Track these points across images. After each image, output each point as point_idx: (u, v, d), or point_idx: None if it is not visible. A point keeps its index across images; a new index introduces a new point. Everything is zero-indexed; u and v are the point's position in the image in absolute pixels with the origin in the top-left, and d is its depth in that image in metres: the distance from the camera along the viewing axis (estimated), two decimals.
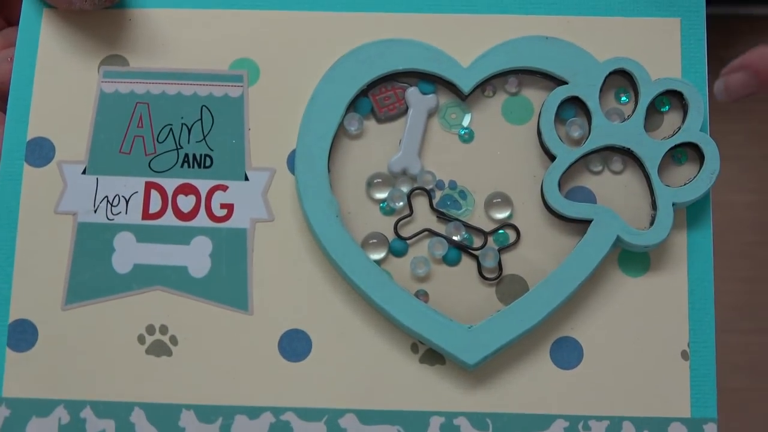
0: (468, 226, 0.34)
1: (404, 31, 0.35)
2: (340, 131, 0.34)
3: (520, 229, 0.34)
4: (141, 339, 0.33)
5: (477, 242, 0.34)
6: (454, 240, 0.34)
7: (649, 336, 0.33)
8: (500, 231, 0.34)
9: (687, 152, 0.34)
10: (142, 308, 0.33)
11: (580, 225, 0.33)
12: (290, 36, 0.35)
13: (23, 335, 0.33)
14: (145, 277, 0.34)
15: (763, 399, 0.69)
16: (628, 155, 0.34)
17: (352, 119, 0.34)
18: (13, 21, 0.42)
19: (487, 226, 0.34)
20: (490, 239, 0.34)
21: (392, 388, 0.33)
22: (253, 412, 0.33)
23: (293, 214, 0.34)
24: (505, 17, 0.35)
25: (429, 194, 0.34)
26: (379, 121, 0.35)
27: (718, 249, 0.67)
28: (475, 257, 0.34)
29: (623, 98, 0.35)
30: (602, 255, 0.33)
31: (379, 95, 0.35)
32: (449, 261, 0.34)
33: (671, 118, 0.35)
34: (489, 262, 0.34)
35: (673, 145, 0.34)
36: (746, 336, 0.70)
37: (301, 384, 0.33)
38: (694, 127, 0.34)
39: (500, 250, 0.34)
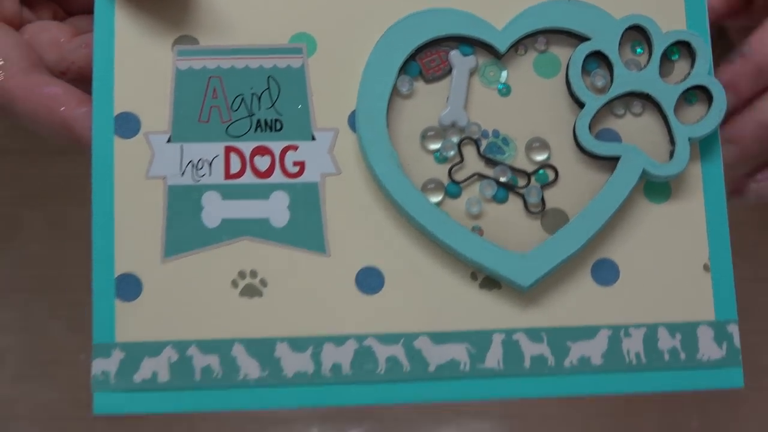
0: (513, 169, 0.39)
1: (445, 1, 0.39)
2: (394, 92, 0.39)
3: (558, 169, 0.39)
4: (234, 283, 0.38)
5: (521, 182, 0.39)
6: (501, 181, 0.39)
7: (674, 253, 0.38)
8: (540, 171, 0.39)
9: (697, 94, 0.39)
10: (233, 256, 0.38)
11: (610, 162, 0.39)
12: (341, 10, 0.39)
13: (129, 286, 0.37)
14: (232, 229, 0.38)
15: (763, 399, 0.68)
16: (647, 99, 0.39)
17: (404, 81, 0.39)
18: (71, 11, 0.46)
19: (529, 168, 0.39)
20: (533, 179, 0.39)
21: (457, 312, 0.38)
22: (339, 340, 0.37)
23: (358, 167, 0.39)
24: None
25: (476, 143, 0.39)
26: (427, 81, 0.39)
27: None
28: (521, 195, 0.39)
29: (638, 50, 0.40)
30: (631, 186, 0.38)
31: (426, 59, 0.39)
32: (498, 199, 0.39)
33: (681, 65, 0.40)
34: (533, 198, 0.39)
35: (685, 88, 0.39)
36: (746, 336, 0.71)
37: (378, 313, 0.38)
38: (702, 72, 0.39)
39: (542, 188, 0.39)
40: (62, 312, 0.66)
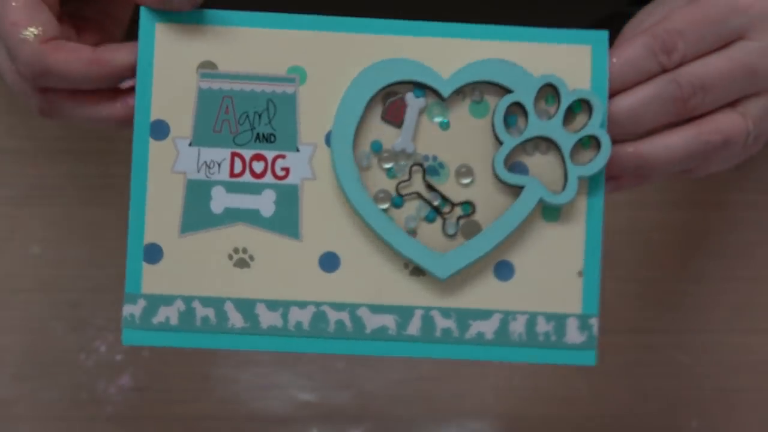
0: (443, 197, 0.51)
1: (407, 51, 0.51)
2: (362, 121, 0.51)
3: (476, 201, 0.51)
4: (230, 256, 0.51)
5: (447, 209, 0.51)
6: (434, 204, 0.51)
7: (557, 261, 0.51)
8: (465, 204, 0.52)
9: (591, 140, 0.51)
10: (230, 236, 0.51)
11: (518, 189, 0.51)
12: (328, 51, 0.51)
13: (154, 253, 0.51)
14: (232, 216, 0.51)
15: (763, 399, 0.70)
16: (551, 142, 0.51)
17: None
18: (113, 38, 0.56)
19: (457, 198, 0.51)
20: (457, 208, 0.52)
21: (391, 291, 0.51)
22: (302, 305, 0.51)
23: (329, 175, 0.51)
24: (472, 41, 0.51)
25: (423, 169, 0.51)
26: (386, 122, 0.52)
27: (719, 249, 0.72)
28: (444, 219, 0.52)
29: (550, 102, 0.51)
30: (530, 209, 0.51)
31: (390, 105, 0.52)
32: (429, 219, 0.52)
33: (581, 117, 0.51)
34: (450, 230, 0.51)
35: (581, 136, 0.51)
36: (746, 336, 0.71)
37: (333, 287, 0.51)
38: (596, 124, 0.50)
39: (461, 217, 0.51)
40: (62, 312, 0.69)
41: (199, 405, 0.68)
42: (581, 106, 0.51)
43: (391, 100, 0.52)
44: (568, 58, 0.51)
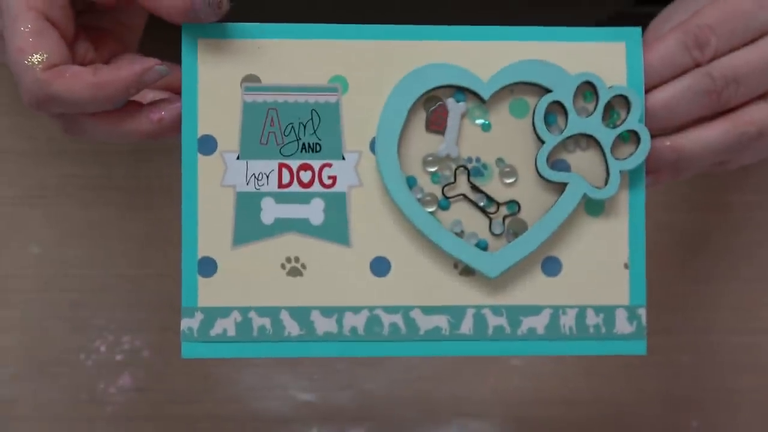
0: (488, 197, 0.53)
1: (446, 56, 0.52)
2: (405, 126, 0.52)
3: (520, 201, 0.53)
4: (282, 266, 0.52)
5: (492, 209, 0.53)
6: (479, 205, 0.53)
7: (603, 254, 0.53)
8: (510, 203, 0.53)
9: (630, 135, 0.53)
10: (282, 246, 0.52)
11: (561, 185, 0.52)
12: (369, 60, 0.52)
13: (208, 266, 0.52)
14: (282, 226, 0.52)
15: (763, 399, 0.70)
16: (591, 139, 0.53)
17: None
18: (129, 46, 0.56)
19: (502, 198, 0.53)
20: (503, 207, 0.53)
21: (442, 292, 0.52)
22: (356, 310, 0.52)
23: (375, 181, 0.52)
24: (509, 43, 0.53)
25: (467, 171, 0.52)
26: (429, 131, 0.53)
27: (719, 249, 0.74)
28: (490, 219, 0.53)
29: (588, 100, 0.53)
30: (574, 205, 0.52)
31: (432, 114, 0.53)
32: (476, 220, 0.53)
33: (620, 113, 0.53)
34: (497, 230, 0.53)
35: (620, 132, 0.52)
36: (746, 336, 0.72)
37: (385, 291, 0.52)
38: (634, 120, 0.52)
39: (508, 216, 0.53)
40: (62, 312, 0.70)
41: (199, 405, 0.69)
42: (619, 102, 0.53)
43: (432, 108, 0.53)
44: (603, 56, 0.53)
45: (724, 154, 0.54)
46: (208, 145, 0.52)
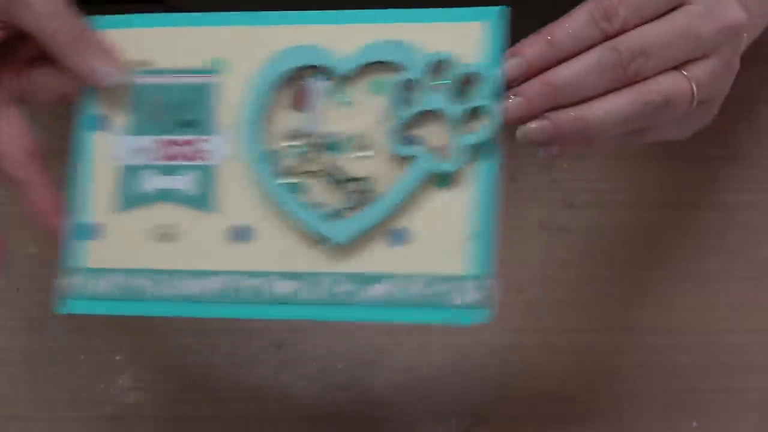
0: (344, 172, 0.55)
1: (310, 38, 0.56)
2: (274, 104, 0.56)
3: (374, 174, 0.55)
4: (157, 232, 0.57)
5: (343, 179, 0.55)
6: (335, 178, 0.56)
7: (449, 225, 0.54)
8: (362, 176, 0.55)
9: (479, 112, 0.54)
10: (158, 214, 0.57)
11: (411, 159, 0.54)
12: (246, 43, 0.57)
13: (90, 231, 0.58)
14: (160, 195, 0.57)
15: (763, 399, 0.70)
16: (441, 114, 0.54)
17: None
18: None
19: (357, 170, 0.55)
20: (357, 181, 0.55)
21: (299, 258, 0.55)
22: (218, 274, 0.56)
23: (243, 156, 0.56)
24: (370, 26, 0.56)
25: (326, 146, 0.56)
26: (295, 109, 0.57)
27: (718, 249, 0.74)
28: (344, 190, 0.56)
29: (441, 78, 0.55)
30: (420, 177, 0.54)
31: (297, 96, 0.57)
32: (330, 191, 0.56)
33: (471, 89, 0.54)
34: (350, 201, 0.55)
35: (466, 107, 0.54)
36: (746, 336, 0.71)
37: (247, 257, 0.56)
38: (485, 95, 0.53)
39: (358, 190, 0.55)
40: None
41: (199, 405, 0.70)
42: (470, 79, 0.54)
43: (297, 88, 0.56)
44: (460, 36, 0.54)
45: (631, 123, 0.53)
46: (99, 122, 0.58)
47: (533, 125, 0.53)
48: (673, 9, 0.54)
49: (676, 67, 0.53)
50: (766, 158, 0.77)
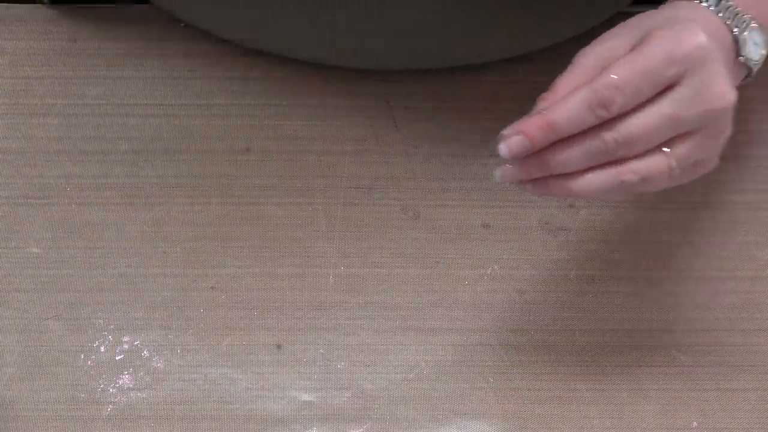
0: None
1: None
2: None
3: None
4: None
5: None
6: None
7: None
8: None
9: None
10: None
11: None
12: None
13: None
14: None
15: (763, 399, 0.70)
16: None
17: None
18: None
19: None
20: None
21: None
22: None
23: None
24: None
25: None
26: None
27: (719, 249, 0.75)
28: None
29: None
30: None
31: None
32: None
33: None
34: None
35: None
36: (746, 336, 0.72)
37: None
38: None
39: None
40: (61, 312, 0.70)
41: (199, 405, 0.69)
42: None
43: None
44: None
45: (610, 196, 0.57)
46: None
47: (527, 186, 0.58)
48: (665, 90, 0.55)
49: (659, 146, 0.56)
50: (765, 158, 0.78)
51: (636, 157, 0.56)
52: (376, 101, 0.80)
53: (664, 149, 0.56)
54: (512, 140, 0.56)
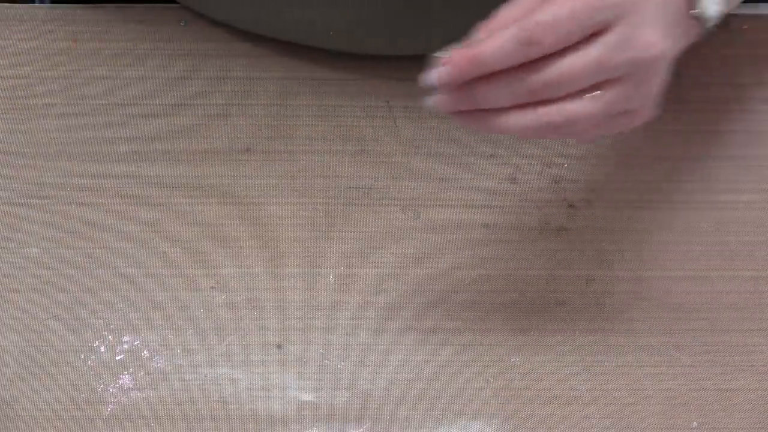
0: None
1: None
2: None
3: None
4: None
5: None
6: None
7: None
8: None
9: None
10: None
11: None
12: None
13: None
14: None
15: (763, 399, 0.70)
16: None
17: None
18: None
19: None
20: None
21: None
22: None
23: None
24: None
25: None
26: None
27: (718, 249, 0.75)
28: None
29: None
30: None
31: None
32: None
33: None
34: None
35: None
36: (746, 336, 0.72)
37: None
38: None
39: None
40: (61, 312, 0.70)
41: (199, 405, 0.69)
42: None
43: None
44: None
45: (538, 135, 0.57)
46: None
47: (456, 118, 0.59)
48: (594, 34, 0.55)
49: (588, 89, 0.56)
50: (764, 158, 0.78)
51: (562, 99, 0.56)
52: (376, 101, 0.80)
53: (593, 93, 0.56)
54: (441, 69, 0.56)
